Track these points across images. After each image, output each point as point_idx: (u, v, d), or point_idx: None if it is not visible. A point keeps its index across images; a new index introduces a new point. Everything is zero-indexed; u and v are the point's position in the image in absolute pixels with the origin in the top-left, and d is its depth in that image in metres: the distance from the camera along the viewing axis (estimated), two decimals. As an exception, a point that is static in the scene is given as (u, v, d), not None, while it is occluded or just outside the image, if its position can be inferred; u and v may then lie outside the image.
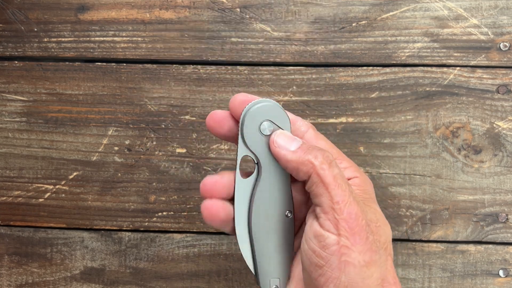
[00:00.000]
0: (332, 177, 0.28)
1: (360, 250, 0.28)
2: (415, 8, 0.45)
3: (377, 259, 0.29)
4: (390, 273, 0.29)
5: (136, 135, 0.46)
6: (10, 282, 0.46)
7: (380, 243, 0.29)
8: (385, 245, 0.30)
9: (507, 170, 0.45)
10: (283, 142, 0.30)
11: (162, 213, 0.46)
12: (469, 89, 0.45)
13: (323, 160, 0.28)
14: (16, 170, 0.47)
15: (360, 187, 0.31)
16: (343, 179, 0.29)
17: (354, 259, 0.28)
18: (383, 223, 0.31)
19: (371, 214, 0.30)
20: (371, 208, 0.31)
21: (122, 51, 0.46)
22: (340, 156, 0.32)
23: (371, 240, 0.28)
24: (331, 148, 0.31)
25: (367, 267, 0.28)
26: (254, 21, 0.46)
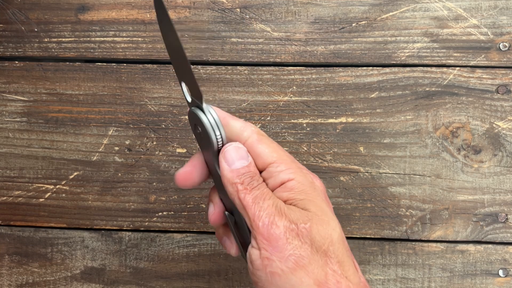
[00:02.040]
0: (251, 199, 0.30)
1: (280, 258, 0.29)
2: (415, 8, 0.45)
3: (305, 264, 0.29)
4: (331, 277, 0.29)
5: (136, 135, 0.46)
6: (11, 282, 0.46)
7: (313, 247, 0.29)
8: (324, 247, 0.30)
9: (506, 170, 0.45)
10: (229, 156, 0.32)
11: (162, 213, 0.46)
12: (469, 89, 0.45)
13: (247, 186, 0.31)
14: (16, 170, 0.47)
15: (295, 189, 0.31)
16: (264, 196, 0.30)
17: (277, 268, 0.29)
18: (319, 222, 0.30)
19: (299, 215, 0.30)
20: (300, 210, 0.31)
21: (122, 51, 0.46)
22: (281, 159, 0.32)
23: (295, 246, 0.29)
24: (271, 152, 0.32)
25: (293, 273, 0.29)
26: (254, 21, 0.46)
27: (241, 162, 0.32)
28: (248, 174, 0.31)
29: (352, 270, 0.30)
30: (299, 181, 0.31)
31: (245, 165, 0.32)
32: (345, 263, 0.30)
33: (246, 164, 0.32)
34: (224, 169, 0.32)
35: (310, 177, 0.33)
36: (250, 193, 0.31)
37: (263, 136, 0.33)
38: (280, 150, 0.33)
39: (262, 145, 0.32)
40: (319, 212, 0.31)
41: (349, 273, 0.30)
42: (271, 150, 0.32)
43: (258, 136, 0.33)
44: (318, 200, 0.31)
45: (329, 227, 0.30)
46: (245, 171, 0.31)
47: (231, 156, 0.32)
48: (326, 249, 0.30)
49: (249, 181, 0.31)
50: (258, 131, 0.33)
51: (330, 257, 0.30)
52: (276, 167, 0.32)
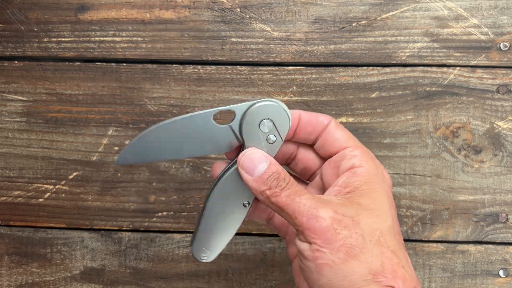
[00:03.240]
0: (285, 198, 0.30)
1: (331, 250, 0.28)
2: (415, 8, 0.45)
3: (357, 253, 0.28)
4: (388, 266, 0.28)
5: (136, 135, 0.46)
6: (10, 282, 0.46)
7: (364, 237, 0.29)
8: (376, 237, 0.29)
9: (507, 170, 0.45)
10: (247, 165, 0.32)
11: (162, 213, 0.46)
12: (469, 89, 0.45)
13: (276, 189, 0.30)
14: (16, 170, 0.47)
15: (361, 177, 0.31)
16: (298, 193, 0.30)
17: (328, 260, 0.28)
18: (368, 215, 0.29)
19: (346, 209, 0.30)
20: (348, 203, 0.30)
21: (122, 51, 0.46)
22: (355, 145, 0.33)
23: (344, 235, 0.28)
24: (348, 138, 0.33)
25: (345, 264, 0.28)
26: (254, 21, 0.46)
27: (261, 167, 0.31)
28: (273, 177, 0.31)
29: (406, 261, 0.29)
30: (369, 170, 0.31)
31: (265, 168, 0.31)
32: (399, 253, 0.29)
33: (267, 166, 0.31)
34: (247, 181, 0.31)
35: (381, 168, 0.33)
36: (281, 193, 0.30)
37: (339, 124, 0.34)
38: (356, 139, 0.34)
39: (340, 131, 0.33)
40: (372, 205, 0.30)
41: (404, 263, 0.29)
42: (348, 137, 0.33)
43: (336, 123, 0.34)
44: (379, 192, 0.31)
45: (379, 220, 0.30)
46: (269, 175, 0.31)
47: (249, 165, 0.31)
48: (378, 239, 0.29)
49: (276, 183, 0.30)
50: (335, 120, 0.34)
51: (385, 246, 0.29)
52: (351, 151, 0.32)
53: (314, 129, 0.34)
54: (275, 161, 0.32)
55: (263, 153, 0.32)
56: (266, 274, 0.45)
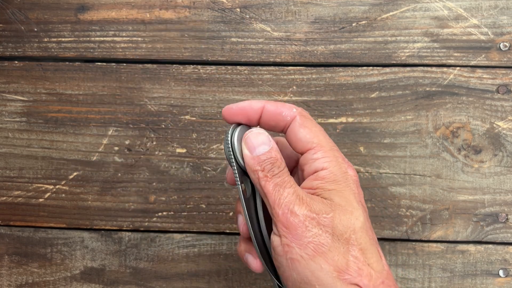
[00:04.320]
0: (272, 186, 0.31)
1: (299, 245, 0.30)
2: (415, 8, 0.45)
3: (325, 251, 0.29)
4: (353, 264, 0.29)
5: (136, 135, 0.46)
6: (10, 282, 0.46)
7: (334, 235, 0.30)
8: (346, 235, 0.30)
9: (507, 170, 0.45)
10: (250, 142, 0.32)
11: (162, 213, 0.46)
12: (469, 89, 0.45)
13: (267, 173, 0.31)
14: (16, 170, 0.47)
15: (326, 179, 0.32)
16: (284, 184, 0.31)
17: (297, 255, 0.30)
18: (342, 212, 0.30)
19: (322, 206, 0.30)
20: (324, 200, 0.31)
21: (122, 51, 0.46)
22: (318, 144, 0.33)
23: (314, 233, 0.30)
24: (311, 137, 0.32)
25: (312, 259, 0.29)
26: (254, 21, 0.46)
27: (262, 148, 0.32)
28: (269, 161, 0.32)
29: (375, 257, 0.30)
30: (332, 171, 0.32)
31: (266, 151, 0.32)
32: (368, 251, 0.30)
33: (267, 150, 0.32)
34: (246, 156, 0.32)
35: (345, 167, 0.33)
36: (271, 180, 0.31)
37: (306, 118, 0.33)
38: (321, 135, 0.33)
39: (304, 129, 0.33)
40: (344, 202, 0.31)
41: (372, 260, 0.30)
42: (312, 135, 0.33)
43: (301, 119, 0.33)
44: (347, 191, 0.32)
45: (352, 217, 0.30)
46: (266, 158, 0.32)
47: (252, 142, 0.32)
48: (348, 237, 0.30)
49: (269, 168, 0.31)
50: (301, 113, 0.33)
51: (352, 245, 0.30)
52: (313, 154, 0.32)
53: (277, 123, 0.34)
54: (277, 148, 0.33)
55: (268, 136, 0.33)
56: (266, 274, 0.45)
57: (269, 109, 0.33)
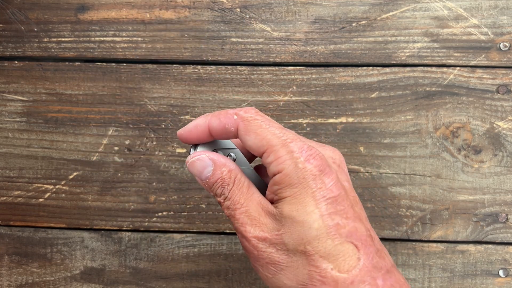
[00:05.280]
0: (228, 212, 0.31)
1: (260, 266, 0.30)
2: (415, 8, 0.45)
3: (283, 268, 0.29)
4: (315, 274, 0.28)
5: (136, 135, 0.46)
6: (10, 282, 0.46)
7: (289, 250, 0.29)
8: (300, 248, 0.29)
9: (507, 170, 0.45)
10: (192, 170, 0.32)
11: (162, 213, 0.46)
12: (469, 89, 0.45)
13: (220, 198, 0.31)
14: (16, 170, 0.47)
15: (282, 184, 0.29)
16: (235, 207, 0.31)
17: (262, 274, 0.30)
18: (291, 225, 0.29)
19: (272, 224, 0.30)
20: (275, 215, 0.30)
21: (122, 51, 0.46)
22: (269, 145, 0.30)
23: (269, 253, 0.30)
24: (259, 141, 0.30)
25: (275, 277, 0.30)
26: (254, 21, 0.46)
27: (206, 172, 0.31)
28: (217, 184, 0.31)
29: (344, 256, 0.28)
30: (286, 174, 0.29)
31: (209, 174, 0.31)
32: (332, 254, 0.28)
33: (211, 172, 0.31)
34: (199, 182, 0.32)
35: (301, 161, 0.29)
36: (224, 203, 0.31)
37: (248, 122, 0.30)
38: (268, 133, 0.30)
39: (249, 135, 0.30)
40: (294, 212, 0.29)
41: (339, 261, 0.28)
42: (258, 139, 0.30)
43: (243, 126, 0.30)
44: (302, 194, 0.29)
45: (303, 227, 0.29)
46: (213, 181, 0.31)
47: (194, 172, 0.32)
48: (304, 249, 0.29)
49: (220, 191, 0.31)
50: (243, 118, 0.31)
51: (311, 255, 0.28)
52: (266, 157, 0.30)
53: (227, 136, 0.32)
54: (222, 162, 0.31)
55: (206, 158, 0.31)
56: (266, 274, 0.45)
57: (213, 125, 0.32)
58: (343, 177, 0.32)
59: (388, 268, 0.29)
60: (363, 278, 0.28)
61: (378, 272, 0.29)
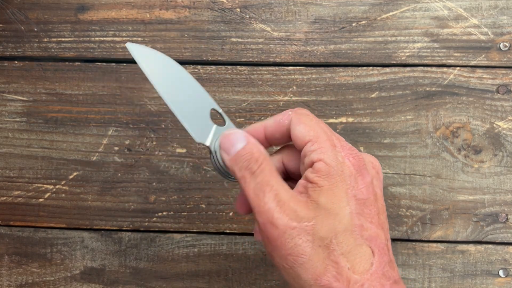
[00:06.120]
0: (252, 189, 0.30)
1: (279, 256, 0.29)
2: (415, 8, 0.45)
3: (304, 261, 0.29)
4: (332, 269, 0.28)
5: (136, 135, 0.46)
6: (10, 282, 0.46)
7: (314, 242, 0.29)
8: (326, 241, 0.29)
9: (507, 170, 0.45)
10: (225, 145, 0.32)
11: (162, 213, 0.46)
12: (469, 89, 0.45)
13: (245, 172, 0.30)
14: (16, 170, 0.47)
15: (320, 173, 0.30)
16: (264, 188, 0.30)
17: (278, 264, 0.30)
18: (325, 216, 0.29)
19: (305, 212, 0.29)
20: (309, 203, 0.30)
21: (122, 51, 0.46)
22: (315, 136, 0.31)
23: (293, 245, 0.29)
24: (307, 131, 0.31)
25: (292, 269, 0.29)
26: (254, 21, 0.46)
27: (237, 146, 0.31)
28: (244, 157, 0.31)
29: (361, 258, 0.29)
30: (327, 163, 0.30)
31: (240, 148, 0.31)
32: (352, 253, 0.29)
33: (241, 147, 0.31)
34: (225, 160, 0.32)
35: (342, 156, 0.30)
36: (250, 180, 0.30)
37: (301, 115, 0.32)
38: (317, 127, 0.31)
39: (299, 125, 0.32)
40: (330, 204, 0.29)
41: (355, 261, 0.29)
42: (308, 129, 0.31)
43: (296, 117, 0.32)
44: (338, 187, 0.30)
45: (336, 220, 0.29)
46: (240, 155, 0.31)
47: (226, 144, 0.32)
48: (329, 242, 0.29)
49: (246, 165, 0.30)
50: (296, 112, 0.33)
51: (333, 250, 0.29)
52: (310, 146, 0.31)
53: (281, 133, 0.33)
54: (256, 142, 0.32)
55: (243, 133, 0.32)
56: (266, 274, 0.45)
57: (268, 123, 0.33)
58: (378, 183, 0.32)
59: (396, 279, 0.30)
60: (373, 283, 0.29)
61: (387, 280, 0.29)
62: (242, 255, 0.46)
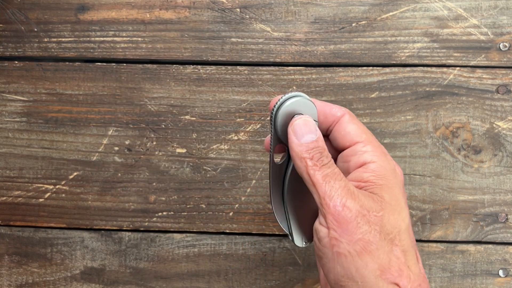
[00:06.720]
0: (322, 176, 0.31)
1: (349, 241, 0.29)
2: (415, 8, 0.45)
3: (372, 249, 0.29)
4: (395, 264, 0.29)
5: (136, 135, 0.46)
6: (10, 282, 0.46)
7: (382, 233, 0.30)
8: (391, 235, 0.30)
9: (507, 170, 0.45)
10: (299, 129, 0.32)
11: (162, 213, 0.46)
12: (469, 89, 0.45)
13: (316, 162, 0.31)
14: (16, 170, 0.47)
15: (377, 172, 0.31)
16: (335, 176, 0.31)
17: (344, 250, 0.29)
18: (391, 211, 0.30)
19: (372, 203, 0.30)
20: (374, 196, 0.31)
21: (122, 51, 0.46)
22: (368, 139, 0.33)
23: (364, 230, 0.29)
24: (360, 132, 0.33)
25: (359, 257, 0.29)
26: (254, 21, 0.46)
27: (310, 136, 0.32)
28: (317, 149, 0.31)
29: (414, 260, 0.31)
30: (382, 165, 0.32)
31: (313, 140, 0.31)
32: (409, 253, 0.30)
33: (315, 139, 0.32)
34: (292, 142, 0.32)
35: (393, 164, 0.33)
36: (320, 170, 0.31)
37: (354, 116, 0.34)
38: (368, 132, 0.33)
39: (353, 124, 0.33)
40: (393, 201, 0.31)
41: (411, 262, 0.30)
42: (360, 131, 0.33)
43: (350, 116, 0.33)
44: (396, 188, 0.31)
45: (400, 217, 0.30)
46: (314, 146, 0.31)
47: (301, 129, 0.32)
48: (393, 237, 0.30)
49: (318, 156, 0.31)
50: (350, 112, 0.34)
51: (396, 245, 0.30)
52: (362, 146, 0.32)
53: (326, 118, 0.34)
54: (323, 139, 0.32)
55: (316, 126, 0.32)
56: (266, 274, 0.45)
57: (318, 105, 0.34)
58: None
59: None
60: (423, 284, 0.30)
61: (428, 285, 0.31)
62: (242, 255, 0.46)
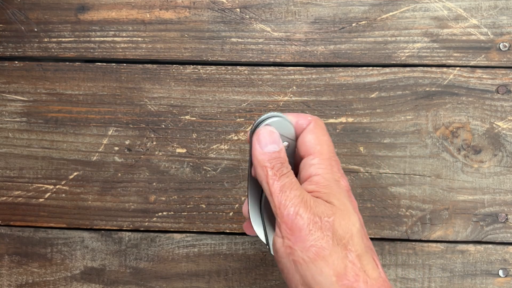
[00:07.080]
0: (279, 186, 0.32)
1: (302, 248, 0.30)
2: (415, 8, 0.45)
3: (326, 255, 0.30)
4: (351, 269, 0.30)
5: (136, 135, 0.46)
6: (10, 282, 0.46)
7: (335, 239, 0.30)
8: (344, 240, 0.30)
9: (506, 170, 0.45)
10: (263, 139, 0.33)
11: (162, 213, 0.46)
12: (469, 89, 0.45)
13: (277, 172, 0.32)
14: (16, 170, 0.47)
15: (320, 184, 0.32)
16: (291, 186, 0.32)
17: (299, 257, 0.30)
18: (341, 216, 0.31)
19: (324, 209, 0.31)
20: (325, 204, 0.31)
21: (122, 51, 0.46)
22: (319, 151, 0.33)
23: (317, 237, 0.30)
24: (314, 144, 0.33)
25: (313, 263, 0.30)
26: (254, 21, 0.46)
27: (273, 147, 0.33)
28: (279, 160, 0.32)
29: (371, 265, 0.31)
30: (324, 177, 0.32)
31: (276, 150, 0.33)
32: (364, 257, 0.31)
33: (277, 150, 0.33)
34: (256, 150, 0.33)
35: (338, 176, 0.33)
36: (279, 180, 0.32)
37: (318, 126, 0.34)
38: (325, 144, 0.34)
39: (312, 134, 0.34)
40: (342, 206, 0.31)
41: (368, 267, 0.30)
42: (316, 142, 0.33)
43: (313, 125, 0.34)
44: (341, 196, 0.32)
45: (350, 222, 0.31)
46: (276, 156, 0.32)
47: (265, 139, 0.33)
48: (346, 242, 0.30)
49: (279, 167, 0.32)
50: (316, 121, 0.35)
51: (350, 250, 0.30)
52: (311, 159, 0.33)
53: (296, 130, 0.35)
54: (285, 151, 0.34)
55: (279, 138, 0.33)
56: (266, 274, 0.45)
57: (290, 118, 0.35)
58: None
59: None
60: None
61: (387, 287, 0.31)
62: (242, 255, 0.46)
